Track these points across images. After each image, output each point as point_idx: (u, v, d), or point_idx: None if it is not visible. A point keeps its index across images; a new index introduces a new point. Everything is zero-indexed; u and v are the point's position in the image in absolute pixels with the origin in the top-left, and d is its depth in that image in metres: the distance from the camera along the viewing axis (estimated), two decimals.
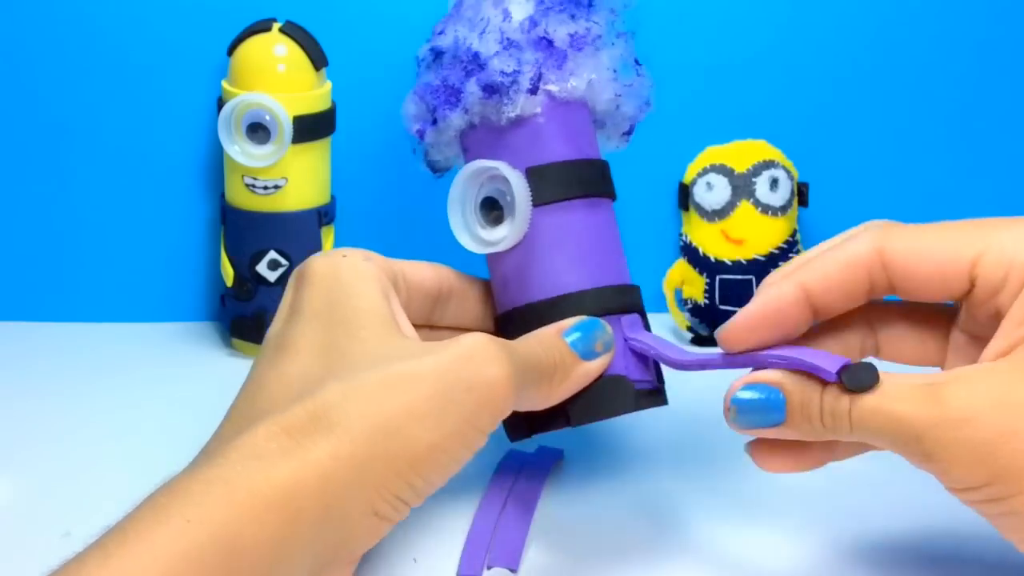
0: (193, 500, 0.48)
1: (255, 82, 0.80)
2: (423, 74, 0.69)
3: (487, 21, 0.67)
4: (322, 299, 0.57)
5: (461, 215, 0.67)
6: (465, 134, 0.68)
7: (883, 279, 0.56)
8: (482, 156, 0.67)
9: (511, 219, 0.65)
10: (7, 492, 0.69)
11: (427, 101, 0.68)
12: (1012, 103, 0.91)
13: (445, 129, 0.68)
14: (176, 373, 0.83)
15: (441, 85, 0.67)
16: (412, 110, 0.69)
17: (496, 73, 0.65)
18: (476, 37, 0.66)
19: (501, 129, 0.66)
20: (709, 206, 0.88)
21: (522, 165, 0.65)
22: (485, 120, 0.67)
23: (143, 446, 0.74)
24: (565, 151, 0.66)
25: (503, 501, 0.67)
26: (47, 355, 0.84)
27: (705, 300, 0.88)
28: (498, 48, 0.65)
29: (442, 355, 0.53)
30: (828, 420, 0.53)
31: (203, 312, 0.90)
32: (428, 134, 0.69)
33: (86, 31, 0.85)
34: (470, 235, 0.66)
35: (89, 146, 0.87)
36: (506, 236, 0.65)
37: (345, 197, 0.87)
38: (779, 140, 0.89)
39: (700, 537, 0.66)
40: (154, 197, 0.88)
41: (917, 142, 0.91)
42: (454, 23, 0.68)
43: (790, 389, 0.55)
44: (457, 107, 0.66)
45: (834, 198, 0.91)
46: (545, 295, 0.64)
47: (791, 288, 0.56)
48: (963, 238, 0.55)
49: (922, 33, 0.90)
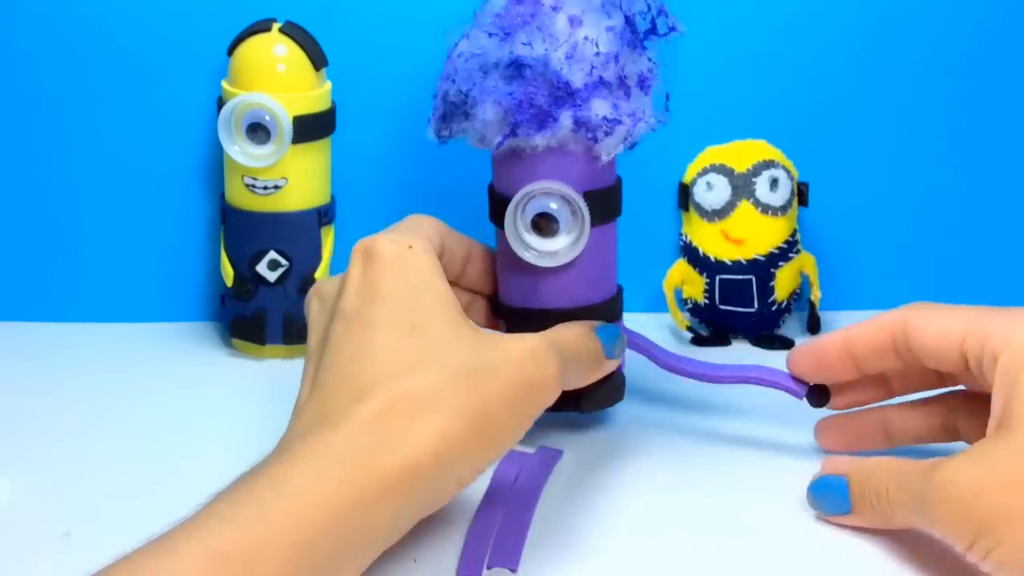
0: (320, 475, 0.53)
1: (255, 82, 0.80)
2: (490, 74, 0.68)
3: (574, 46, 0.67)
4: (400, 283, 0.61)
5: (514, 225, 0.69)
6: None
7: (904, 343, 0.65)
8: (527, 167, 0.69)
9: (570, 237, 0.69)
10: (7, 492, 0.69)
11: (510, 114, 0.68)
12: (1012, 103, 0.91)
13: (524, 145, 0.68)
14: (176, 373, 0.83)
15: (526, 102, 0.67)
16: (491, 116, 0.68)
17: (595, 116, 0.67)
18: (564, 61, 0.67)
19: (554, 150, 0.69)
20: (709, 206, 0.88)
21: (579, 188, 0.69)
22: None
23: (143, 446, 0.74)
24: (606, 179, 0.71)
25: (503, 501, 0.67)
26: (47, 355, 0.84)
27: (705, 300, 0.88)
28: (587, 80, 0.67)
29: (515, 353, 0.60)
30: (878, 503, 0.62)
31: (203, 312, 0.90)
32: (494, 144, 0.69)
33: (86, 31, 0.85)
34: (522, 244, 0.69)
35: (89, 146, 0.87)
36: (559, 251, 0.69)
37: (345, 197, 0.87)
38: (779, 140, 0.89)
39: (700, 537, 0.66)
40: (154, 197, 0.88)
41: (917, 142, 0.91)
42: (527, 31, 0.68)
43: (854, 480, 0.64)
44: (546, 131, 0.68)
45: (834, 198, 0.91)
46: (569, 304, 0.70)
47: (838, 335, 0.68)
48: (960, 319, 0.63)
49: (922, 33, 0.90)
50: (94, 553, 0.52)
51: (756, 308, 0.87)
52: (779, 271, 0.87)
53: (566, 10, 0.68)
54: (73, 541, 0.64)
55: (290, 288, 0.83)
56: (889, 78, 0.90)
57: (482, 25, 0.69)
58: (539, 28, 0.67)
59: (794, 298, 0.89)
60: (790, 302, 0.88)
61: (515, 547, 0.63)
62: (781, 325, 0.89)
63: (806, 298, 0.89)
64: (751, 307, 0.87)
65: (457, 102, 0.69)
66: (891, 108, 0.91)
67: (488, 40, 0.68)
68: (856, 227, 0.92)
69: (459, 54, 0.69)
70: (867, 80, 0.90)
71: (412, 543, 0.64)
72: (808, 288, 0.89)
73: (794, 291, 0.88)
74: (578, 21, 0.68)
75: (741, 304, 0.88)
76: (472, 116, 0.69)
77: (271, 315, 0.84)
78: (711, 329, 0.89)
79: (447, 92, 0.70)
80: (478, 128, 0.69)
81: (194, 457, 0.72)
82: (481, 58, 0.68)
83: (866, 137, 0.91)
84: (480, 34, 0.69)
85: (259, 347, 0.84)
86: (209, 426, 0.76)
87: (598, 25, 0.68)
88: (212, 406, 0.79)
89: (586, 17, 0.68)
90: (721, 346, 0.88)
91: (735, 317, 0.88)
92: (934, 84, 0.90)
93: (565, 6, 0.68)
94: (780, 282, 0.87)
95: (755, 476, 0.72)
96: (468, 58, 0.69)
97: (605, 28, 0.68)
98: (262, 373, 0.83)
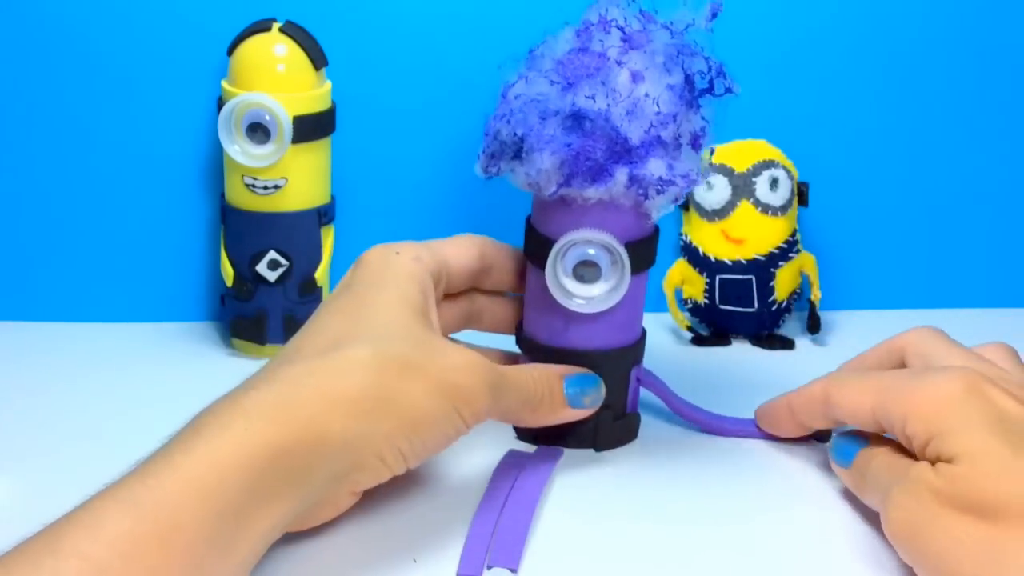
0: (254, 414, 0.58)
1: (255, 82, 0.80)
2: (548, 122, 0.68)
3: (635, 102, 0.67)
4: (369, 279, 0.67)
5: (554, 270, 0.70)
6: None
7: (830, 411, 0.69)
8: (574, 215, 0.69)
9: (608, 284, 0.70)
10: (7, 492, 0.69)
11: (566, 164, 0.68)
12: (1012, 103, 0.91)
13: (575, 195, 0.69)
14: (176, 373, 0.83)
15: (583, 155, 0.67)
16: (547, 164, 0.68)
17: (650, 175, 0.68)
18: (624, 117, 0.67)
19: (604, 202, 0.69)
20: (709, 206, 0.88)
21: (622, 238, 0.69)
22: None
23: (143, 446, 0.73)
24: (646, 229, 0.71)
25: (503, 501, 0.67)
26: (47, 355, 0.84)
27: (705, 300, 0.88)
28: (645, 138, 0.67)
29: (452, 358, 0.63)
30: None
31: (203, 312, 0.90)
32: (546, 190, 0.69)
33: (86, 31, 0.85)
34: (561, 289, 0.70)
35: (89, 146, 0.87)
36: (595, 298, 0.70)
37: (345, 197, 0.87)
38: (779, 140, 0.89)
39: (700, 538, 0.66)
40: (154, 197, 0.88)
41: (917, 142, 0.91)
42: (591, 84, 0.67)
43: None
44: (600, 185, 0.68)
45: (834, 198, 0.91)
46: (595, 346, 0.72)
47: (782, 401, 0.73)
48: (869, 389, 0.66)
49: (922, 33, 0.90)
50: None
51: (756, 308, 0.87)
52: (779, 271, 0.87)
53: (629, 65, 0.67)
54: None
55: (290, 288, 0.83)
56: (889, 78, 0.90)
57: (542, 69, 0.69)
58: (603, 82, 0.67)
59: (794, 298, 0.89)
60: (790, 302, 0.88)
61: (515, 547, 0.63)
62: (781, 325, 0.89)
63: (806, 298, 0.89)
64: (751, 307, 0.87)
65: (509, 142, 0.69)
66: (891, 108, 0.91)
67: (550, 87, 0.68)
68: (856, 227, 0.92)
69: (516, 95, 0.69)
70: (867, 80, 0.90)
71: (412, 543, 0.64)
72: (808, 288, 0.89)
73: (794, 291, 0.88)
74: (640, 77, 0.67)
75: (741, 304, 0.88)
76: (526, 161, 0.69)
77: (271, 315, 0.84)
78: (711, 329, 0.89)
79: (499, 131, 0.70)
80: (531, 174, 0.68)
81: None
82: (540, 104, 0.68)
83: (866, 137, 0.91)
84: (540, 79, 0.68)
85: (259, 347, 0.84)
86: None
87: (659, 82, 0.67)
88: None
89: (648, 73, 0.67)
90: (721, 346, 0.88)
91: (735, 317, 0.88)
92: (934, 85, 0.91)
93: (629, 61, 0.68)
94: (780, 282, 0.87)
95: (758, 478, 0.72)
96: (527, 102, 0.68)
97: (666, 86, 0.68)
98: None
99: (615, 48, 0.68)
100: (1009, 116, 0.91)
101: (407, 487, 0.69)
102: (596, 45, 0.68)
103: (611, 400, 0.72)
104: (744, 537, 0.66)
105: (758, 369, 0.84)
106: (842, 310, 0.92)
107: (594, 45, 0.68)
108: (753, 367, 0.85)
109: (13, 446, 0.73)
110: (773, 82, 0.89)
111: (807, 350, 0.88)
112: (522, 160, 0.69)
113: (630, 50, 0.68)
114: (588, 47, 0.68)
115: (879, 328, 0.75)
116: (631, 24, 0.69)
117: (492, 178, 0.71)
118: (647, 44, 0.68)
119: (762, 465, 0.73)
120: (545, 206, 0.70)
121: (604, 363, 0.72)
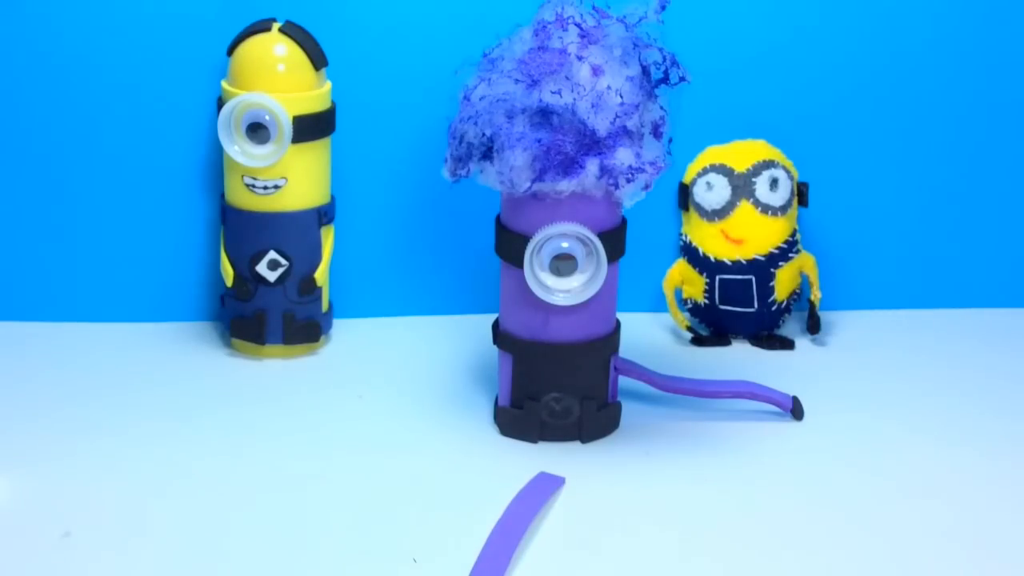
0: None
1: (255, 82, 0.80)
2: (515, 120, 0.70)
3: (599, 95, 0.69)
4: None
5: (531, 265, 0.71)
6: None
7: None
8: (547, 210, 0.71)
9: (585, 276, 0.71)
10: (7, 492, 0.69)
11: (537, 160, 0.69)
12: (1011, 103, 0.91)
13: (548, 189, 0.70)
14: (176, 373, 0.83)
15: (553, 149, 0.69)
16: (519, 161, 0.69)
17: (620, 164, 0.69)
18: (590, 110, 0.69)
19: (576, 195, 0.70)
20: (709, 206, 0.88)
21: (595, 229, 0.71)
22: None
23: (143, 445, 0.74)
24: (615, 219, 0.73)
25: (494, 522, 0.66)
26: (47, 355, 0.84)
27: (705, 300, 0.88)
28: (611, 128, 0.69)
29: None
30: None
31: (203, 312, 0.90)
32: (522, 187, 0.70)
33: (86, 31, 0.85)
34: (539, 284, 0.71)
35: (89, 146, 0.87)
36: (573, 290, 0.71)
37: (345, 197, 0.87)
38: (779, 140, 0.89)
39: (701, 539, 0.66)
40: (154, 197, 0.88)
41: (917, 142, 0.91)
42: (555, 79, 0.69)
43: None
44: (572, 178, 0.69)
45: (834, 198, 0.91)
46: (577, 338, 0.73)
47: None
48: None
49: (921, 34, 0.90)
50: (94, 553, 0.52)
51: (756, 308, 0.87)
52: (779, 271, 0.87)
53: (590, 59, 0.69)
54: (73, 541, 0.64)
55: (290, 288, 0.83)
56: (889, 78, 0.90)
57: (504, 70, 0.70)
58: (567, 77, 0.69)
59: (794, 298, 0.89)
60: (790, 302, 0.88)
61: (498, 568, 0.62)
62: (781, 325, 0.89)
63: (806, 298, 0.89)
64: (751, 307, 0.87)
65: (477, 144, 0.71)
66: (891, 108, 0.91)
67: (514, 86, 0.69)
68: (856, 227, 0.92)
69: (481, 97, 0.70)
70: (867, 81, 0.90)
71: (412, 543, 0.64)
72: (808, 288, 0.89)
73: (794, 291, 0.88)
74: (600, 70, 0.69)
75: (741, 304, 0.88)
76: (497, 160, 0.70)
77: (271, 315, 0.84)
78: (711, 329, 0.89)
79: (465, 133, 0.71)
80: (503, 172, 0.70)
81: (194, 456, 0.72)
82: (507, 103, 0.69)
83: (866, 137, 0.91)
84: (503, 79, 0.70)
85: (259, 347, 0.84)
86: (209, 425, 0.76)
87: (619, 74, 0.69)
88: (212, 405, 0.79)
89: (608, 67, 0.69)
90: (721, 346, 0.88)
91: (735, 317, 0.88)
92: (934, 85, 0.91)
93: (589, 55, 0.69)
94: (780, 282, 0.87)
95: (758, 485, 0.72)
96: (492, 102, 0.70)
97: (626, 78, 0.69)
98: (262, 373, 0.83)
99: (574, 44, 0.69)
100: (1009, 117, 0.91)
101: (407, 488, 0.69)
102: (556, 42, 0.69)
103: (593, 391, 0.73)
104: (748, 548, 0.66)
105: (758, 369, 0.84)
106: (842, 310, 0.92)
107: (553, 42, 0.69)
108: (753, 367, 0.85)
109: (13, 446, 0.73)
110: (773, 82, 0.89)
111: (807, 350, 0.88)
112: (492, 160, 0.70)
113: (589, 45, 0.69)
114: (547, 45, 0.69)
115: (879, 328, 0.75)
116: (587, 20, 0.70)
117: (460, 180, 0.73)
118: (603, 38, 0.70)
119: (765, 464, 0.73)
120: (516, 204, 0.71)
121: (584, 355, 0.73)
